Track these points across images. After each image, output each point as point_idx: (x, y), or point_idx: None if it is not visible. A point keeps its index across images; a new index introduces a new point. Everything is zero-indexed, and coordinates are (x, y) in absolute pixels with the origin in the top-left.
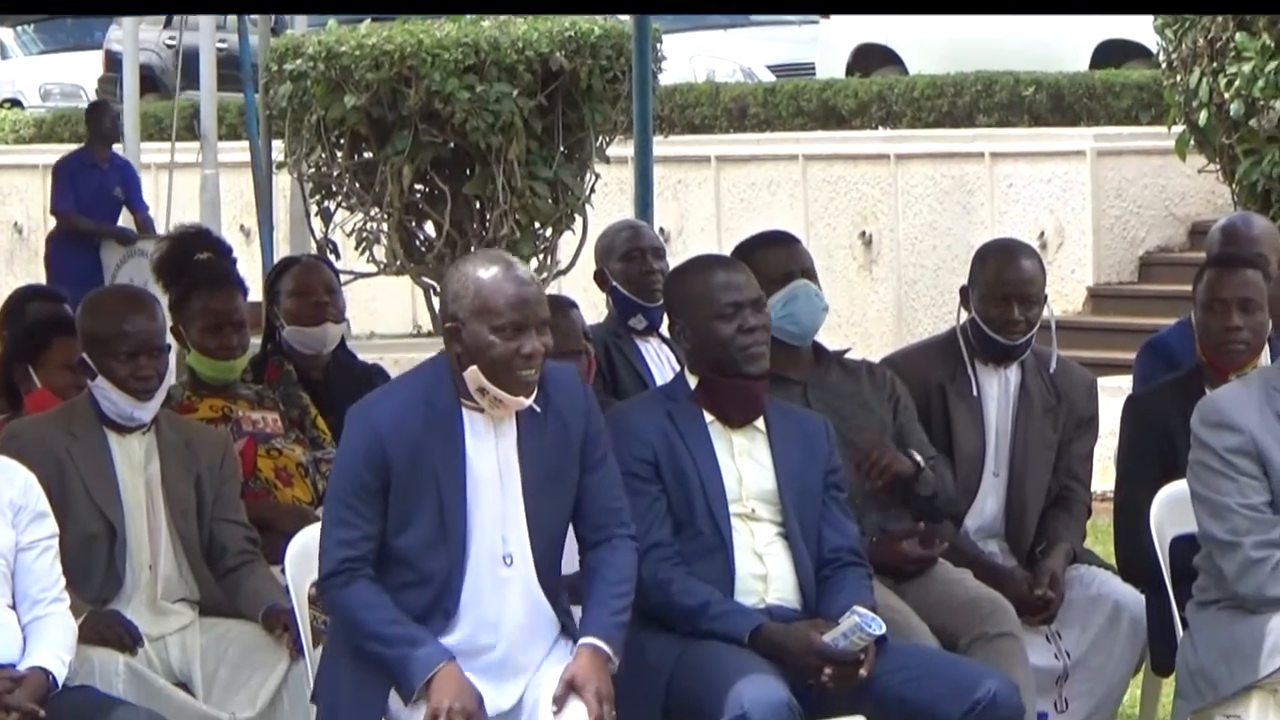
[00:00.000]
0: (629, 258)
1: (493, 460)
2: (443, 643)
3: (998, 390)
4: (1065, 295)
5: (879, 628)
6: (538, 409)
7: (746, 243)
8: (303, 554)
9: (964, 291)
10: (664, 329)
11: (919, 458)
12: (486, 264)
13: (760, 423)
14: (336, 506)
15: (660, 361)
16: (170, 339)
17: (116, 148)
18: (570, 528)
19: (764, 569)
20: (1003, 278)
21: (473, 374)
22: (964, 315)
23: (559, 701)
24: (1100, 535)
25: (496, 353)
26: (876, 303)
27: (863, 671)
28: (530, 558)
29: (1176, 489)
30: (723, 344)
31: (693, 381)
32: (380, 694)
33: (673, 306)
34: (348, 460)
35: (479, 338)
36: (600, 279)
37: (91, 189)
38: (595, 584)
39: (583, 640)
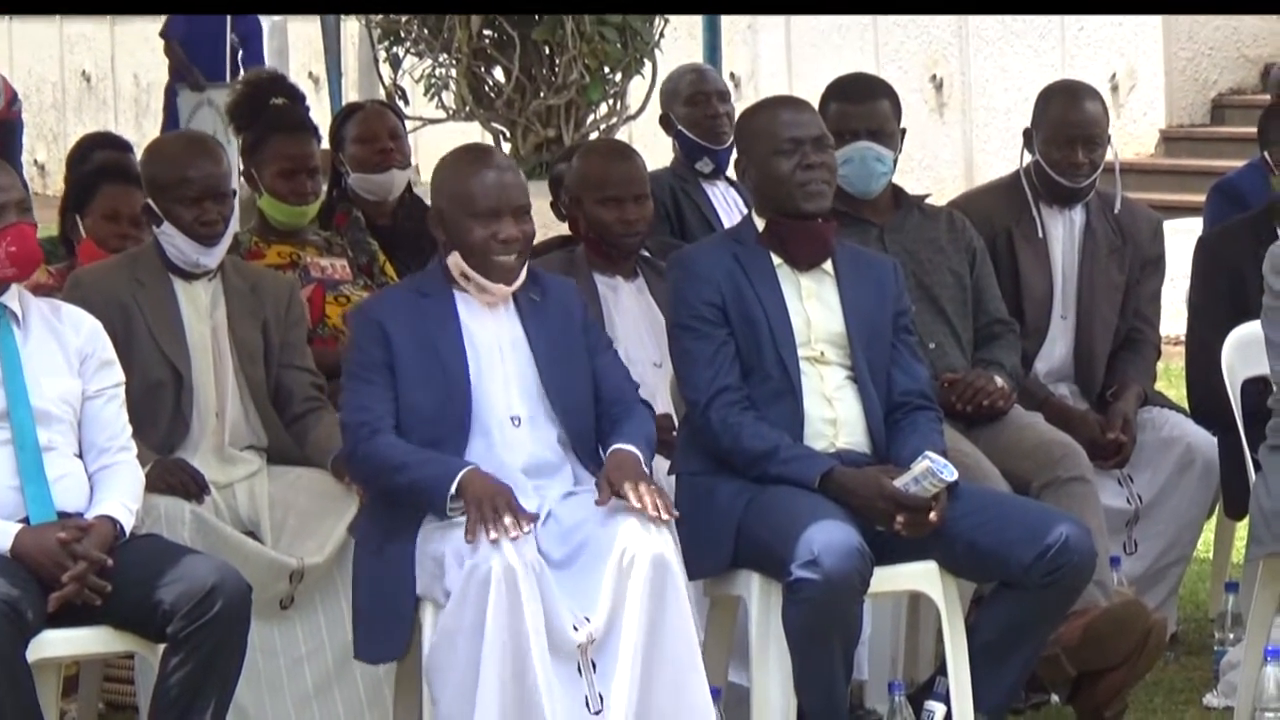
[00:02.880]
0: (694, 101)
1: (493, 333)
2: None
3: (1063, 232)
4: (1137, 137)
5: (951, 473)
6: (536, 298)
7: (832, 86)
8: None
9: (1027, 134)
10: (731, 172)
11: (1005, 383)
12: (466, 154)
13: (828, 265)
14: (351, 384)
15: (728, 205)
16: (240, 184)
17: None
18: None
19: (834, 413)
20: (1066, 119)
21: (454, 260)
22: (1028, 157)
23: (600, 489)
24: (1172, 378)
25: (474, 238)
26: (948, 146)
27: (933, 517)
28: (544, 420)
29: (1248, 330)
30: (781, 180)
31: (760, 224)
32: (411, 528)
33: (739, 145)
34: (354, 348)
35: (458, 224)
36: (666, 123)
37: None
38: (618, 425)
39: (616, 445)
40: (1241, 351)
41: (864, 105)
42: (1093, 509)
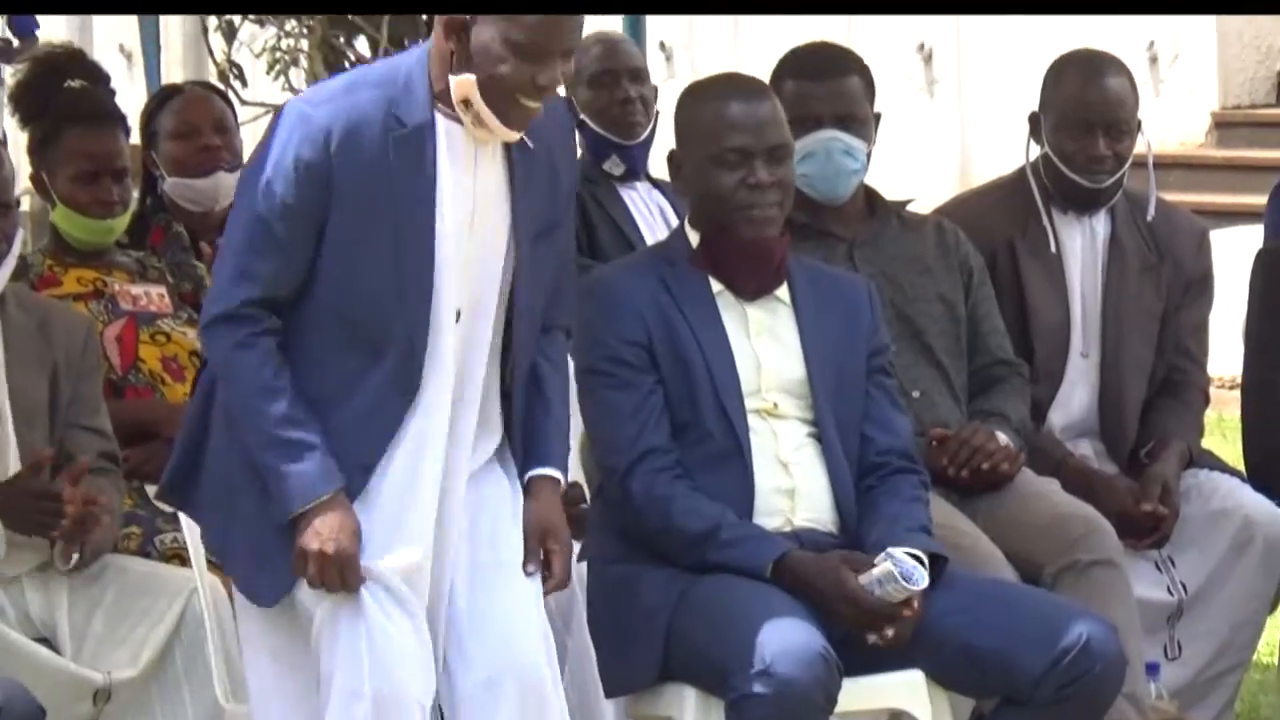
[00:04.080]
0: (600, 82)
1: (469, 190)
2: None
3: (1081, 245)
4: (1182, 123)
5: (921, 578)
6: (529, 142)
7: (787, 60)
8: None
9: (1034, 118)
10: (656, 169)
11: (1010, 441)
12: None
13: (783, 291)
14: (247, 227)
15: (650, 213)
16: (28, 192)
17: None
18: None
19: (791, 481)
20: (1083, 99)
21: (464, 81)
22: (1035, 149)
23: (531, 555)
24: (1225, 431)
25: (505, 72)
26: (940, 133)
27: (889, 633)
28: (490, 316)
29: None
30: (720, 197)
31: (694, 238)
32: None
33: (676, 134)
34: (272, 164)
35: (488, 46)
36: (569, 109)
37: None
38: (538, 399)
39: (538, 471)
40: None
41: (829, 84)
42: (1122, 601)
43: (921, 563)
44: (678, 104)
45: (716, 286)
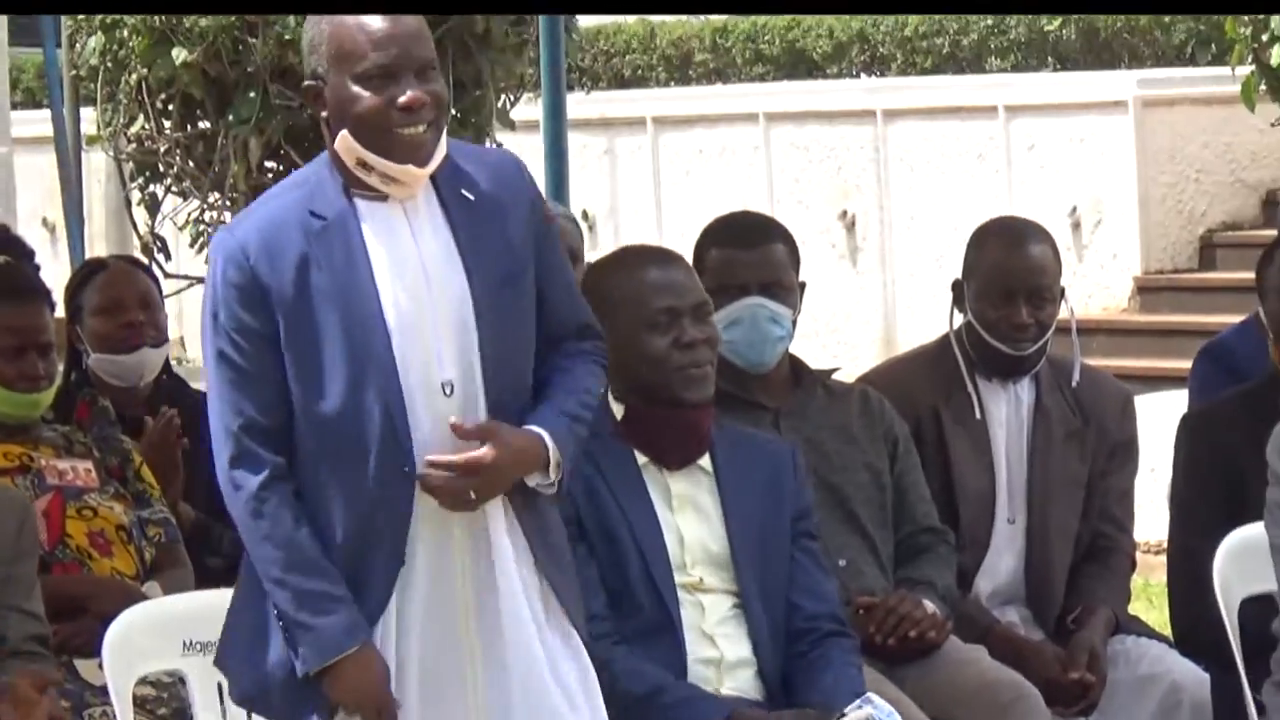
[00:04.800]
0: None
1: (413, 260)
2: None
3: (1006, 412)
4: (1105, 288)
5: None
6: (469, 195)
7: (712, 228)
8: (124, 641)
9: (957, 286)
10: None
11: (937, 609)
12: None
13: (706, 460)
14: (216, 368)
15: None
16: None
17: None
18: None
19: (717, 652)
20: (1005, 267)
21: (344, 141)
22: (959, 317)
23: (458, 430)
24: (1152, 597)
25: (364, 107)
26: (864, 301)
27: None
28: (480, 383)
29: (1246, 535)
30: (655, 361)
31: (619, 411)
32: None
33: (595, 313)
34: (212, 299)
35: (342, 92)
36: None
37: None
38: (548, 387)
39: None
40: (1238, 563)
41: (754, 251)
42: None
43: None
44: (586, 284)
45: (641, 459)
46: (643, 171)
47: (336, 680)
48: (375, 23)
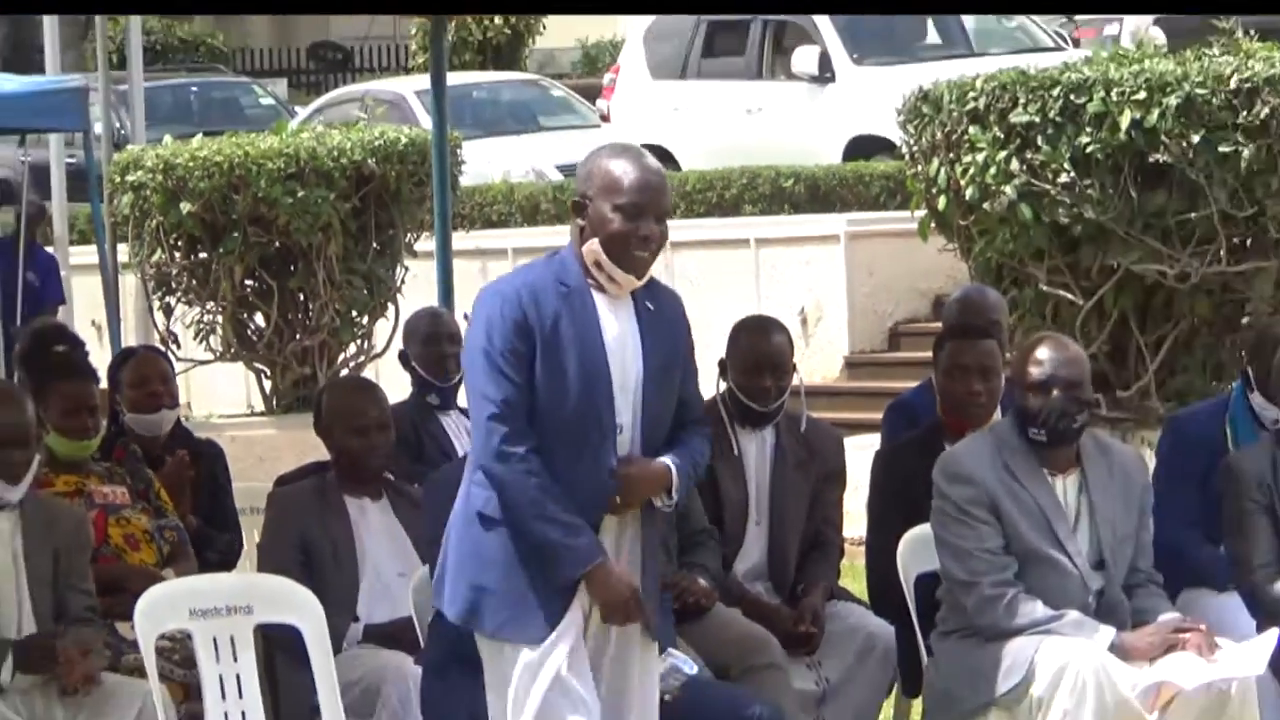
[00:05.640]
0: (429, 342)
1: (619, 333)
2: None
3: (756, 450)
4: (824, 364)
5: (693, 668)
6: (650, 305)
7: None
8: (151, 609)
9: (722, 364)
10: (461, 400)
11: (707, 583)
12: (618, 152)
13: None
14: (488, 374)
15: (459, 433)
16: None
17: None
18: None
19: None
20: (755, 350)
21: (591, 248)
22: (723, 385)
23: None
24: (855, 574)
25: (615, 229)
26: None
27: (667, 698)
28: (640, 431)
29: (920, 532)
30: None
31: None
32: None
33: None
34: (488, 331)
35: (601, 213)
36: (404, 360)
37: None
38: (678, 445)
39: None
40: (914, 551)
41: None
42: (784, 691)
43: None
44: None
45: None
46: None
47: (594, 583)
48: (636, 173)
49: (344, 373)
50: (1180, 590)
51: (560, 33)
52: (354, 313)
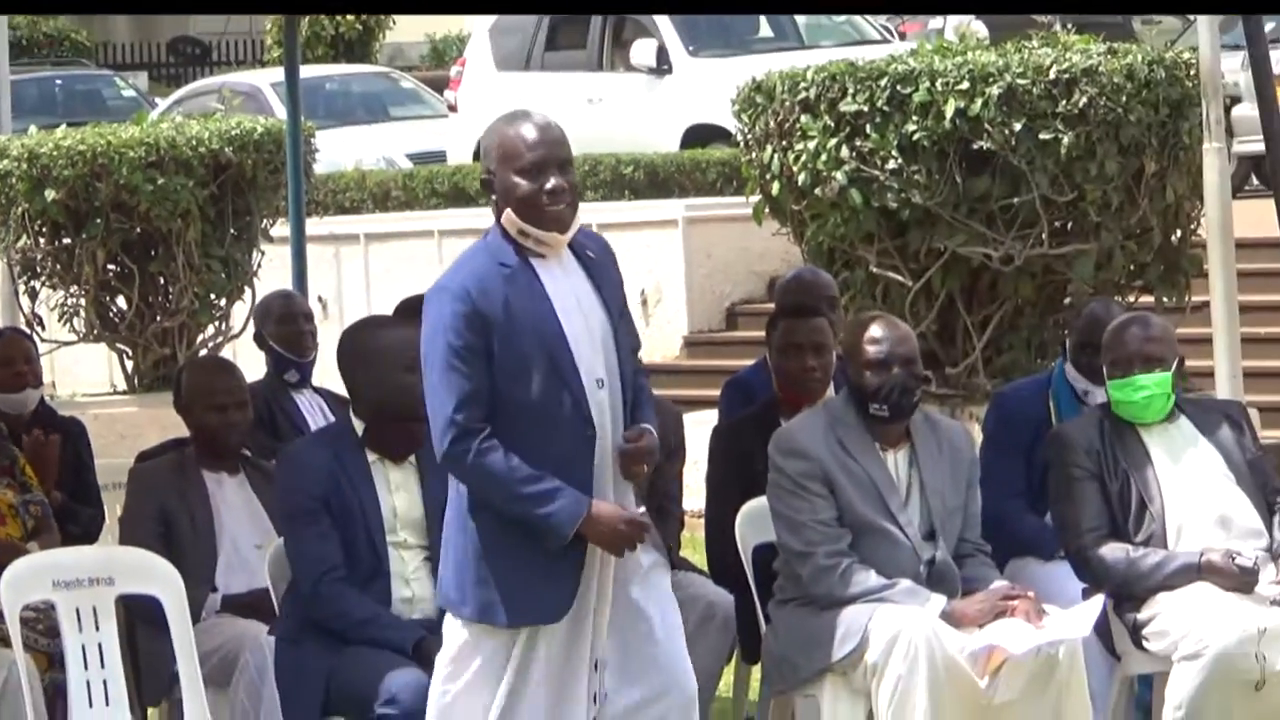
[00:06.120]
0: (284, 321)
1: (572, 297)
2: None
3: None
4: (664, 343)
5: None
6: (591, 254)
7: (401, 308)
8: (15, 580)
9: None
10: (316, 380)
11: None
12: (508, 121)
13: (413, 458)
14: (442, 373)
15: (314, 410)
16: None
17: None
18: None
19: (410, 592)
20: None
21: (509, 218)
22: None
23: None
24: (695, 545)
25: (522, 192)
26: None
27: None
28: (619, 379)
29: (756, 505)
30: (398, 389)
31: (360, 426)
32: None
33: (351, 361)
34: (441, 329)
35: (507, 182)
36: (260, 340)
37: None
38: (641, 407)
39: (643, 425)
40: (752, 522)
41: None
42: None
43: None
44: (344, 343)
45: (372, 456)
46: (358, 271)
47: (590, 531)
48: (530, 133)
49: (203, 353)
50: (1008, 560)
51: (409, 27)
52: (212, 295)
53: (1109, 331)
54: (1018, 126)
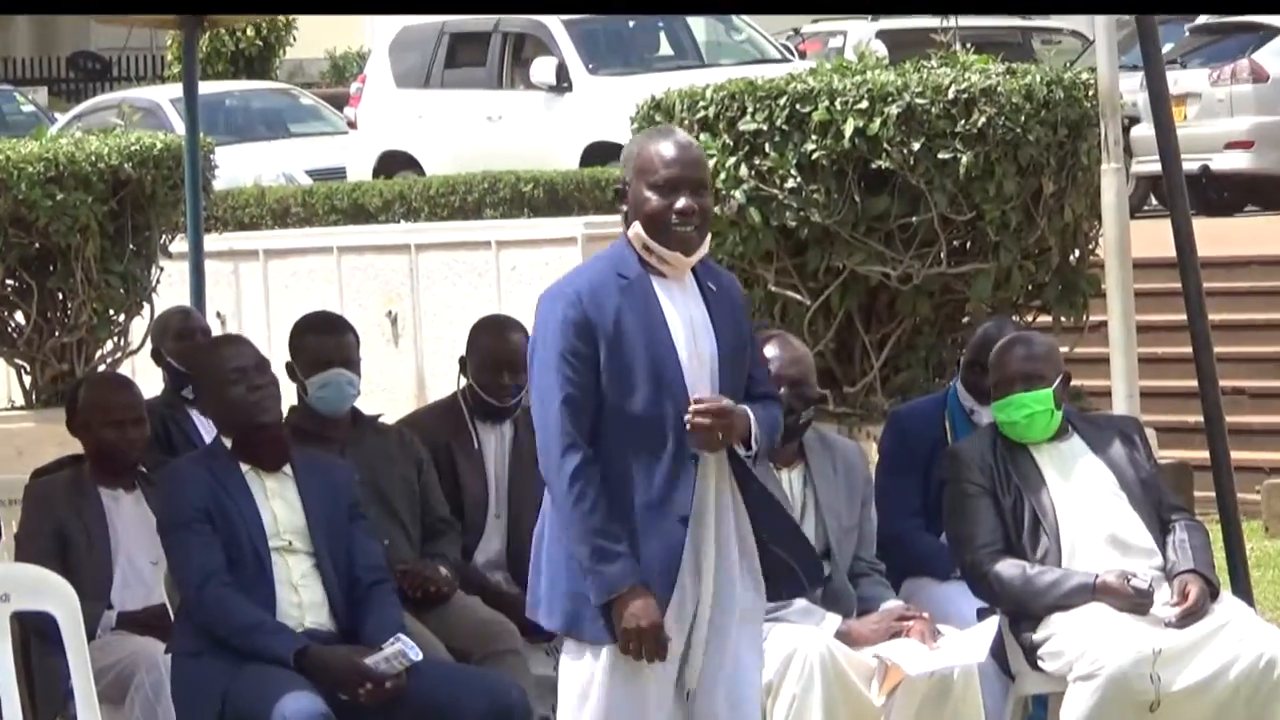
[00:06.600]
0: (182, 337)
1: (686, 318)
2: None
3: (495, 444)
4: None
5: (417, 653)
6: (713, 286)
7: (303, 324)
8: None
9: (462, 361)
10: None
11: (449, 572)
12: (651, 135)
13: (288, 468)
14: (550, 378)
15: (210, 427)
16: None
17: None
18: None
19: (299, 598)
20: (494, 348)
21: (635, 231)
22: (463, 381)
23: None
24: None
25: (651, 207)
26: (403, 372)
27: (389, 685)
28: None
29: None
30: (234, 405)
31: (228, 442)
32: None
33: (194, 380)
34: (551, 333)
35: (639, 195)
36: (157, 357)
37: None
38: (753, 405)
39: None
40: None
41: (337, 338)
42: (524, 674)
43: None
44: (197, 360)
45: (245, 466)
46: (256, 286)
47: (619, 611)
48: (669, 150)
49: (101, 368)
50: (903, 579)
51: (309, 44)
52: (111, 311)
53: (993, 353)
54: (916, 146)
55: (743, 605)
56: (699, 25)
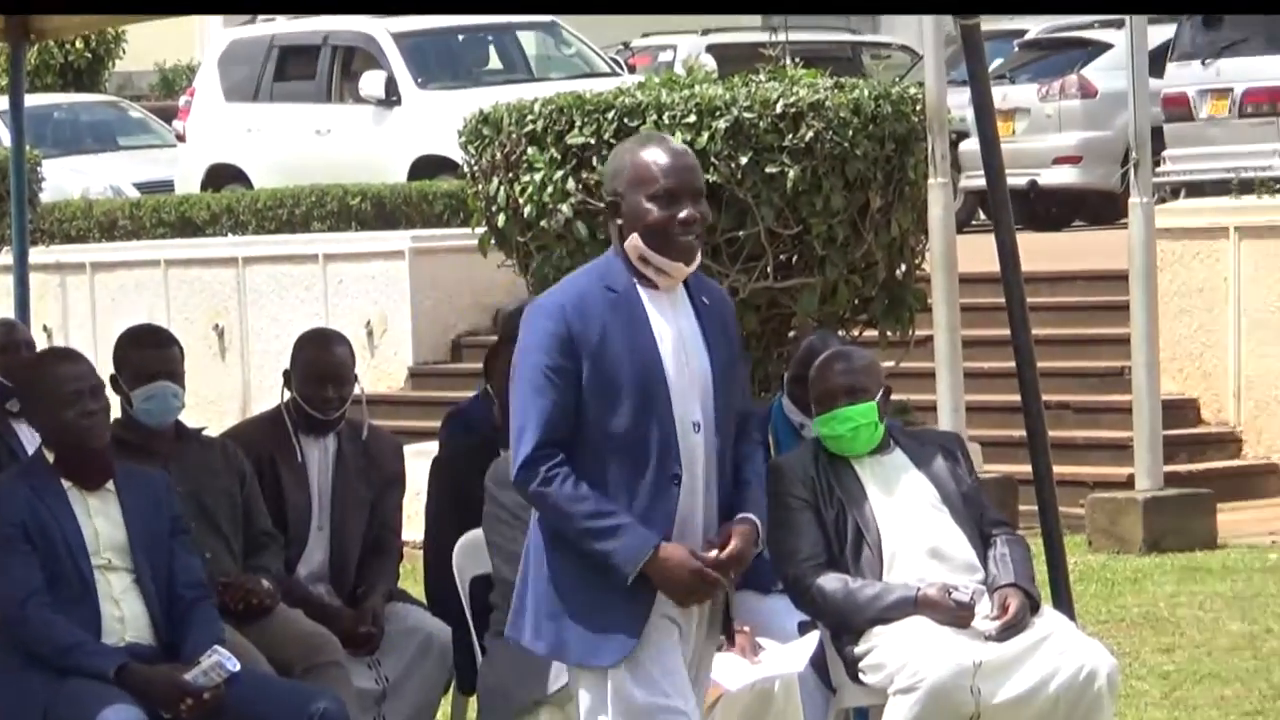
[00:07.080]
0: (6, 350)
1: (675, 333)
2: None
3: (319, 456)
4: (389, 374)
5: (235, 664)
6: (705, 300)
7: (128, 337)
8: None
9: (286, 374)
10: None
11: (271, 585)
12: (642, 142)
13: (111, 484)
14: (526, 392)
15: (34, 440)
16: None
17: None
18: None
19: (121, 612)
20: (318, 361)
21: (633, 243)
22: (287, 394)
23: (720, 546)
24: (416, 577)
25: (653, 218)
26: (229, 384)
27: (190, 702)
28: (714, 427)
29: (473, 536)
30: (64, 427)
31: (50, 456)
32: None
33: (24, 395)
34: (532, 346)
35: (636, 206)
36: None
37: None
38: (746, 473)
39: (746, 515)
40: (468, 554)
41: (162, 351)
42: (344, 686)
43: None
44: (19, 372)
45: (67, 483)
46: (83, 299)
47: (655, 573)
48: (665, 158)
49: None
50: None
51: (139, 56)
52: None
53: (814, 369)
54: (744, 160)
55: (711, 625)
56: (529, 39)
